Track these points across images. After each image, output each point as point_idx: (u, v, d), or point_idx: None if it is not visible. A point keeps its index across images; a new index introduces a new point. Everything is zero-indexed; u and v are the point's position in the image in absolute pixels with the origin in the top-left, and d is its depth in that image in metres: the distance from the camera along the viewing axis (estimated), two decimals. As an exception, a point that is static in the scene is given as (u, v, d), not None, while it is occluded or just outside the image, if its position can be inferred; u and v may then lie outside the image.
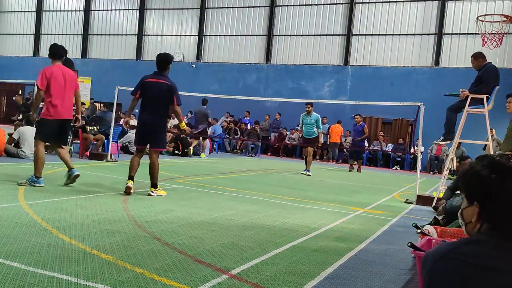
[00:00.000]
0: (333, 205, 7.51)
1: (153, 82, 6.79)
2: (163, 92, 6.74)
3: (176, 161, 13.84)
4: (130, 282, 3.10)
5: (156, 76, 6.87)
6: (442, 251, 1.43)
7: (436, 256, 1.44)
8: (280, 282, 3.37)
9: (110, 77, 24.31)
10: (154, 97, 6.74)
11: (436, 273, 1.40)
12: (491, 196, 1.43)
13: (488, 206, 1.44)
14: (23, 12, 29.17)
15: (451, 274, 1.37)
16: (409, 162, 19.29)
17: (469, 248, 1.41)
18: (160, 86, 6.75)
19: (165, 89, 6.76)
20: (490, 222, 1.44)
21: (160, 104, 6.77)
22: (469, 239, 1.46)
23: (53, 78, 6.63)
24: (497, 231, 1.42)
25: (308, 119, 12.63)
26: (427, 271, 1.43)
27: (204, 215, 5.65)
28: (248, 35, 23.50)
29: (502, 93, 8.30)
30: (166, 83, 6.79)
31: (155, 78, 6.83)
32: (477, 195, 1.48)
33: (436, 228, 4.31)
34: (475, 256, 1.37)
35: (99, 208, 5.53)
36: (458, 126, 8.30)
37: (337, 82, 21.48)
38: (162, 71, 6.90)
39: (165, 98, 6.77)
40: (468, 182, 1.50)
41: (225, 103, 21.00)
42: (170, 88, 6.79)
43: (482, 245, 1.40)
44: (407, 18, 20.42)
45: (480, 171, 1.47)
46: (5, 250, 3.55)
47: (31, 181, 6.61)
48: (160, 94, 6.72)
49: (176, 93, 6.83)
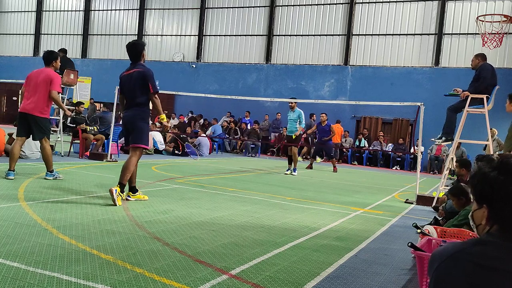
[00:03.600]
0: (333, 205, 7.51)
1: (127, 75, 6.27)
2: (137, 81, 6.12)
3: (176, 161, 13.84)
4: (130, 282, 3.10)
5: (130, 67, 6.34)
6: (450, 251, 1.43)
7: (443, 255, 1.43)
8: (280, 282, 3.37)
9: (110, 77, 24.28)
10: (130, 90, 6.19)
11: (443, 273, 1.40)
12: (499, 197, 1.42)
13: (496, 208, 1.43)
14: (23, 12, 29.17)
15: (458, 274, 1.37)
16: (409, 162, 19.29)
17: (477, 249, 1.40)
18: (132, 76, 6.17)
19: (138, 77, 6.13)
20: (499, 223, 1.44)
21: (136, 95, 6.16)
22: (477, 240, 1.45)
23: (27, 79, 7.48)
24: (506, 233, 1.41)
25: (291, 115, 12.57)
26: (434, 270, 1.43)
27: (204, 215, 5.65)
28: (248, 35, 23.50)
29: (502, 93, 8.32)
30: (138, 70, 6.18)
31: (129, 70, 6.31)
32: (485, 197, 1.47)
33: (436, 228, 4.31)
34: (483, 257, 1.37)
35: (99, 208, 5.53)
36: (458, 126, 8.30)
37: (337, 82, 21.48)
38: (136, 61, 6.30)
39: (140, 87, 6.13)
40: (477, 184, 1.50)
41: (225, 103, 21.04)
42: (143, 75, 6.14)
43: (491, 247, 1.39)
44: (407, 18, 20.43)
45: (489, 173, 1.45)
46: (5, 250, 3.55)
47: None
48: (134, 84, 6.14)
49: (151, 80, 6.16)
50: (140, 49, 6.29)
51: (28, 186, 6.65)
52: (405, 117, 19.76)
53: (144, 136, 6.29)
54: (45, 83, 7.23)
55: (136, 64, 6.28)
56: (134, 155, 6.18)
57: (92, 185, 7.38)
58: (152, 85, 6.14)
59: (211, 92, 21.59)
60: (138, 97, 6.15)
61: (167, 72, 24.31)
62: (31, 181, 7.22)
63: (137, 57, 6.29)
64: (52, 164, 7.55)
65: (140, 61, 6.31)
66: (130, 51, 6.30)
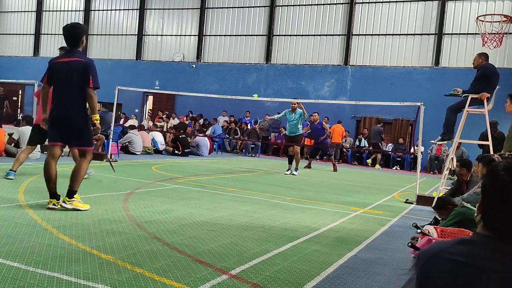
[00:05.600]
0: (333, 205, 7.51)
1: (62, 62, 5.35)
2: (77, 72, 5.25)
3: (176, 161, 13.84)
4: (130, 282, 3.10)
5: (66, 54, 5.48)
6: (434, 250, 1.43)
7: (428, 254, 1.43)
8: (280, 282, 3.37)
9: (109, 77, 24.25)
10: (66, 80, 5.28)
11: (427, 271, 1.40)
12: (490, 190, 1.42)
13: (486, 201, 1.43)
14: (23, 12, 29.17)
15: (441, 273, 1.37)
16: (409, 162, 19.29)
17: (461, 247, 1.40)
18: (70, 65, 5.27)
19: (80, 67, 5.26)
20: (485, 220, 1.44)
21: (73, 88, 5.26)
22: (463, 239, 1.45)
23: None
24: (491, 232, 1.41)
25: (293, 116, 12.45)
26: (419, 268, 1.43)
27: (204, 215, 5.65)
28: (248, 35, 23.50)
29: (502, 93, 8.32)
30: (80, 60, 5.30)
31: (65, 57, 5.43)
32: (483, 192, 1.47)
33: (436, 228, 4.31)
34: (467, 256, 1.36)
35: (99, 208, 5.53)
36: (458, 126, 8.30)
37: (337, 82, 21.48)
38: (73, 48, 5.42)
39: (81, 79, 5.25)
40: (485, 178, 1.49)
41: (225, 103, 21.03)
42: (85, 66, 5.27)
43: (475, 246, 1.39)
44: (407, 18, 20.42)
45: (497, 169, 1.44)
46: (5, 250, 3.55)
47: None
48: (73, 75, 5.25)
49: (92, 72, 5.27)
50: (80, 34, 5.41)
51: (28, 186, 6.66)
52: (405, 117, 19.75)
53: (90, 136, 5.54)
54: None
55: (74, 51, 5.40)
56: (84, 160, 5.45)
57: (92, 185, 7.38)
58: (93, 79, 5.26)
59: (211, 92, 21.58)
60: (76, 90, 5.26)
61: (167, 72, 24.31)
62: (31, 181, 7.22)
63: (76, 43, 5.40)
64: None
65: (78, 48, 5.44)
66: (68, 34, 5.39)
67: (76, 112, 5.30)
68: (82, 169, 5.42)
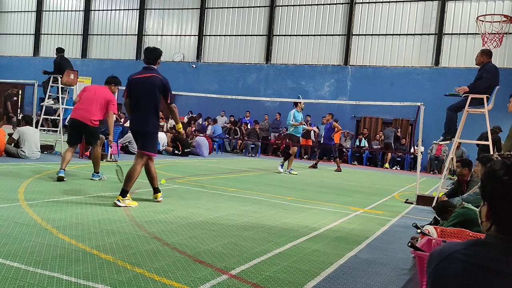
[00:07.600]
0: (333, 205, 7.51)
1: (141, 78, 6.00)
2: (155, 87, 5.91)
3: (176, 161, 13.84)
4: (130, 282, 3.10)
5: (143, 71, 6.09)
6: (448, 251, 1.43)
7: (442, 255, 1.43)
8: (280, 282, 3.37)
9: (110, 77, 24.30)
10: (143, 94, 5.91)
11: (441, 273, 1.40)
12: (499, 197, 1.42)
13: (495, 207, 1.43)
14: (23, 12, 29.17)
15: (455, 274, 1.37)
16: (409, 162, 19.29)
17: (475, 249, 1.40)
18: (149, 81, 5.94)
19: (157, 84, 5.93)
20: (497, 223, 1.44)
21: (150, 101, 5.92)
22: (477, 241, 1.45)
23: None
24: (504, 234, 1.41)
25: (300, 116, 12.66)
26: (431, 269, 1.43)
27: (204, 215, 5.65)
28: (248, 35, 23.50)
29: (502, 93, 8.32)
30: (158, 77, 5.98)
31: (143, 73, 6.05)
32: (487, 195, 1.47)
33: (436, 228, 4.31)
34: (481, 258, 1.36)
35: (99, 208, 5.53)
36: (458, 126, 8.30)
37: (337, 82, 21.48)
38: (150, 66, 6.12)
39: (156, 94, 5.94)
40: (483, 180, 1.50)
41: (225, 103, 21.03)
42: (164, 84, 5.99)
43: (489, 248, 1.39)
44: (407, 18, 20.42)
45: (496, 171, 1.45)
46: (5, 250, 3.55)
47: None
48: (150, 90, 5.91)
49: (170, 89, 6.05)
50: (159, 55, 6.18)
51: (28, 186, 6.65)
52: (405, 117, 19.76)
53: (154, 144, 6.14)
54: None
55: (151, 68, 6.08)
56: (139, 162, 5.98)
57: (92, 185, 7.38)
58: (171, 97, 6.04)
59: (211, 92, 21.57)
60: (153, 103, 5.92)
61: (167, 72, 23.94)
62: (31, 181, 7.22)
63: (154, 62, 6.11)
64: (99, 166, 8.06)
65: (155, 66, 6.13)
66: (149, 54, 6.11)
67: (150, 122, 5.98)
68: (137, 171, 5.94)
